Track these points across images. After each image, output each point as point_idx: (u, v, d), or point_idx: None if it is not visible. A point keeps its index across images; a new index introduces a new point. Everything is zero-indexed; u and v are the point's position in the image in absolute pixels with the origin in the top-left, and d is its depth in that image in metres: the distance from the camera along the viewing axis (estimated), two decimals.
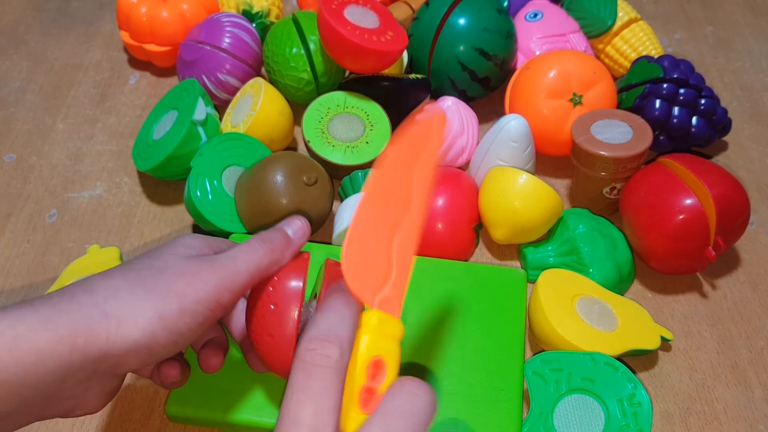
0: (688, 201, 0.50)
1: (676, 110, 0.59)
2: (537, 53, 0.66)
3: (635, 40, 0.68)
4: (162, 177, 0.61)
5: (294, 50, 0.62)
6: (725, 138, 0.67)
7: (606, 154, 0.54)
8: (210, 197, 0.54)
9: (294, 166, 0.54)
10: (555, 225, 0.56)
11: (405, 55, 0.67)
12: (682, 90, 0.59)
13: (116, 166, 0.65)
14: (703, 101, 0.60)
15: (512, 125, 0.56)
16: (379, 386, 0.27)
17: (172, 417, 0.45)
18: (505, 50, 0.64)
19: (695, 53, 0.77)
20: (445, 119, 0.33)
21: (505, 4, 0.71)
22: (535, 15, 0.68)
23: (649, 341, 0.48)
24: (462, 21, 0.62)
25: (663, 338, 0.49)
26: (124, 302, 0.33)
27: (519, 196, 0.53)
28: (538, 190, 0.53)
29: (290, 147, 0.66)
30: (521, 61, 0.66)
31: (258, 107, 0.59)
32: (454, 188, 0.56)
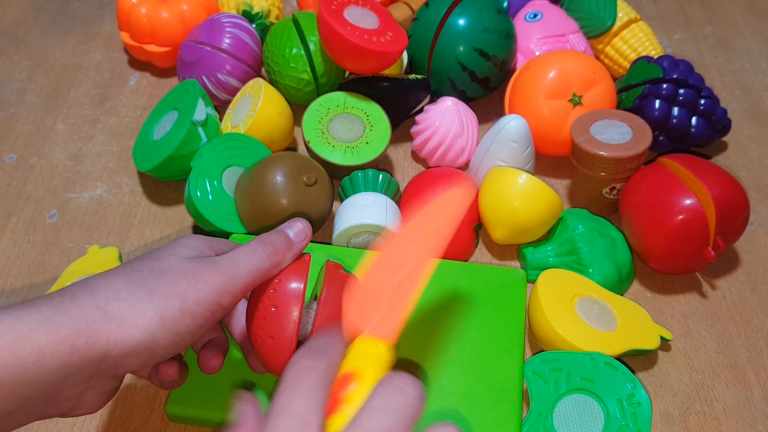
0: (688, 201, 0.50)
1: (676, 110, 0.59)
2: (537, 54, 0.66)
3: (635, 41, 0.68)
4: (162, 177, 0.61)
5: (294, 51, 0.62)
6: (725, 138, 0.67)
7: (605, 155, 0.54)
8: (210, 197, 0.54)
9: (294, 167, 0.54)
10: (554, 225, 0.56)
11: (405, 56, 0.67)
12: (682, 90, 0.59)
13: (116, 167, 0.65)
14: (703, 101, 0.60)
15: (512, 125, 0.56)
16: (345, 393, 0.28)
17: (173, 417, 0.46)
18: (505, 51, 0.64)
19: (695, 53, 0.77)
20: (470, 196, 0.36)
21: (505, 5, 0.71)
22: (535, 15, 0.68)
23: (649, 341, 0.48)
24: (462, 21, 0.62)
25: (662, 338, 0.49)
26: (125, 303, 0.33)
27: (519, 197, 0.53)
28: (538, 191, 0.53)
29: (290, 147, 0.66)
30: (521, 62, 0.67)
31: (258, 108, 0.59)
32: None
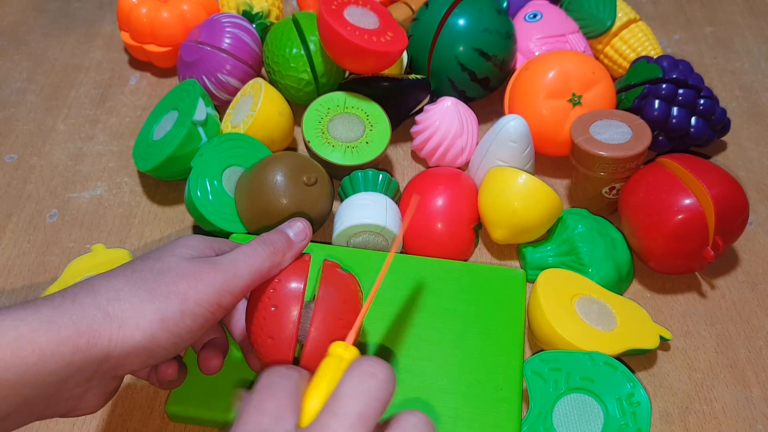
0: (687, 201, 0.50)
1: (675, 110, 0.59)
2: (536, 54, 0.66)
3: (634, 41, 0.68)
4: (162, 177, 0.61)
5: (294, 51, 0.62)
6: (724, 138, 0.67)
7: (605, 155, 0.54)
8: (210, 197, 0.55)
9: (294, 167, 0.54)
10: (554, 225, 0.56)
11: (405, 56, 0.67)
12: (681, 90, 0.59)
13: (117, 167, 0.65)
14: (702, 101, 0.60)
15: (512, 125, 0.56)
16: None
17: (173, 416, 0.46)
18: (505, 51, 0.64)
19: (694, 53, 0.77)
20: (417, 203, 0.39)
21: (505, 5, 0.72)
22: (535, 16, 0.68)
23: (648, 341, 0.48)
24: (461, 21, 0.62)
25: (662, 338, 0.49)
26: (127, 304, 0.33)
27: (518, 196, 0.53)
28: (538, 190, 0.53)
29: (290, 147, 0.66)
30: (521, 62, 0.67)
31: (258, 108, 0.59)
32: (454, 188, 0.56)
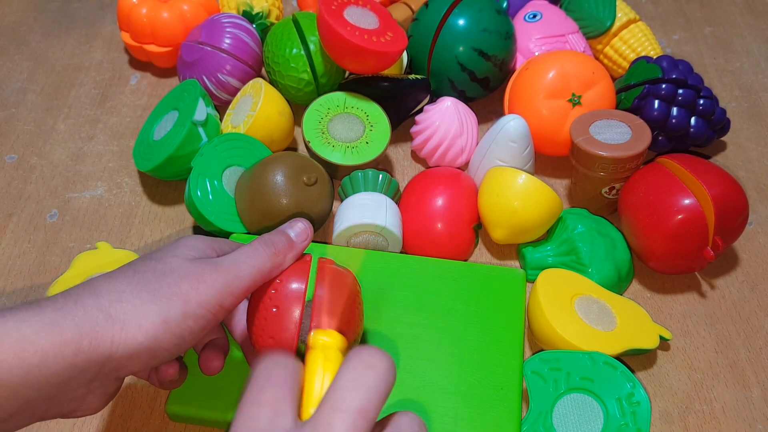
0: (687, 201, 0.50)
1: (675, 110, 0.59)
2: (536, 54, 0.66)
3: (634, 41, 0.68)
4: (163, 177, 0.61)
5: (294, 51, 0.62)
6: (724, 138, 0.67)
7: (605, 155, 0.54)
8: (210, 197, 0.55)
9: (294, 167, 0.54)
10: (554, 225, 0.56)
11: (405, 56, 0.67)
12: (681, 90, 0.59)
13: (117, 167, 0.66)
14: (702, 101, 0.60)
15: (511, 125, 0.56)
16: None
17: (173, 416, 0.46)
18: (505, 51, 0.64)
19: (694, 54, 0.77)
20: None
21: (505, 5, 0.72)
22: (534, 16, 0.68)
23: (648, 341, 0.49)
24: (461, 22, 0.62)
25: (662, 338, 0.49)
26: (129, 306, 0.33)
27: (518, 196, 0.53)
28: (538, 190, 0.53)
29: (290, 147, 0.66)
30: (520, 62, 0.67)
31: (258, 108, 0.59)
32: (454, 188, 0.56)
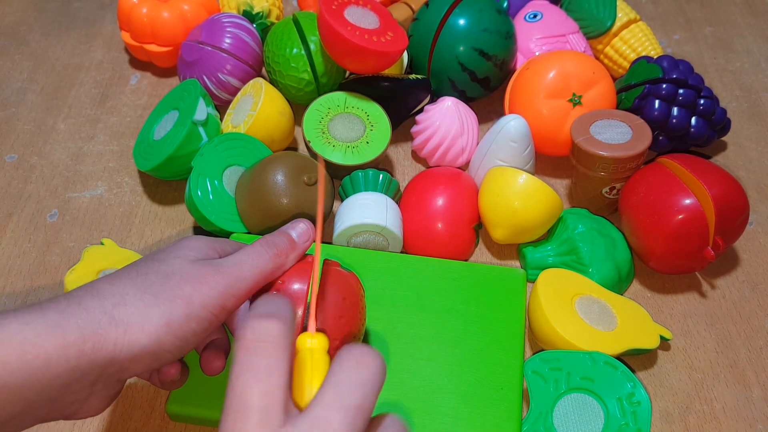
0: (688, 201, 0.50)
1: (675, 110, 0.59)
2: (536, 54, 0.66)
3: (634, 41, 0.68)
4: (163, 177, 0.61)
5: (294, 51, 0.62)
6: (724, 138, 0.67)
7: (605, 154, 0.54)
8: (211, 197, 0.55)
9: (294, 166, 0.54)
10: (554, 225, 0.56)
11: (405, 56, 0.67)
12: (682, 90, 0.59)
13: (117, 166, 0.66)
14: (702, 101, 0.60)
15: (512, 125, 0.56)
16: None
17: (173, 416, 0.46)
18: (505, 51, 0.64)
19: (694, 54, 0.77)
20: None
21: (505, 5, 0.72)
22: (535, 16, 0.68)
23: (649, 340, 0.49)
24: (462, 21, 0.62)
25: (662, 337, 0.49)
26: (132, 308, 0.33)
27: (518, 196, 0.53)
28: (538, 190, 0.53)
29: (291, 147, 0.66)
30: (521, 62, 0.67)
31: (258, 107, 0.59)
32: (454, 188, 0.56)
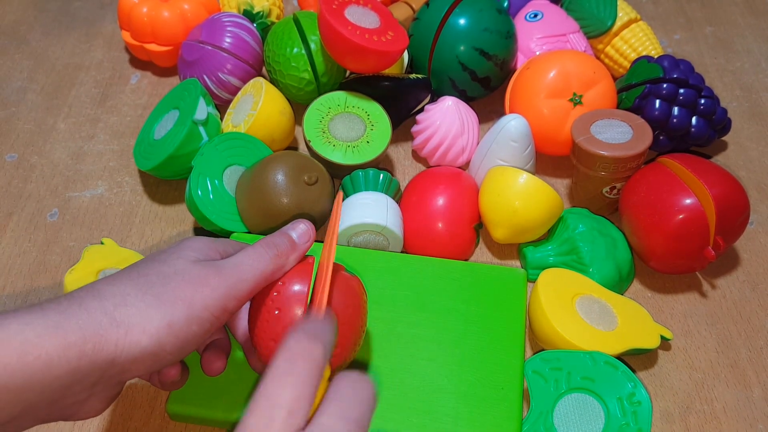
0: (688, 201, 0.50)
1: (676, 110, 0.59)
2: (537, 53, 0.66)
3: (635, 41, 0.68)
4: (163, 176, 0.61)
5: (295, 50, 0.62)
6: (725, 138, 0.67)
7: (606, 154, 0.54)
8: (211, 196, 0.55)
9: (295, 166, 0.54)
10: (555, 224, 0.56)
11: (405, 55, 0.67)
12: (682, 90, 0.59)
13: (117, 166, 0.65)
14: (703, 101, 0.60)
15: (512, 125, 0.56)
16: None
17: (173, 416, 0.46)
18: (506, 50, 0.64)
19: (695, 53, 0.77)
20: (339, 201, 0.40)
21: (506, 5, 0.72)
22: (535, 15, 0.68)
23: (649, 340, 0.48)
24: (462, 21, 0.62)
25: (663, 337, 0.49)
26: (133, 309, 0.33)
27: (519, 196, 0.53)
28: (538, 190, 0.53)
29: (291, 146, 0.66)
30: (521, 61, 0.67)
31: (259, 107, 0.59)
32: (455, 188, 0.56)
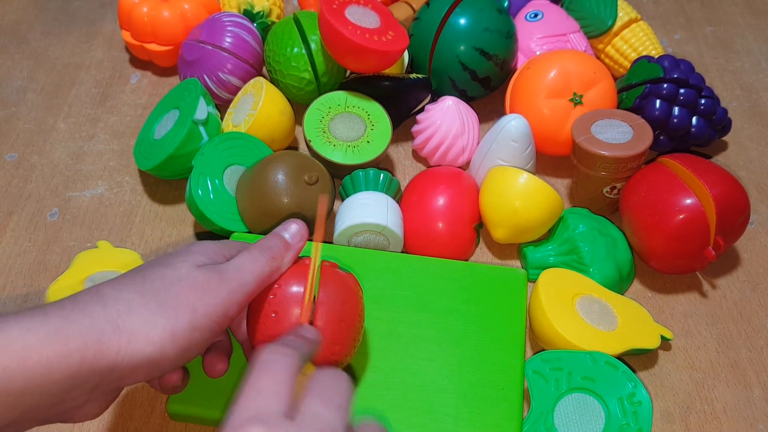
0: (688, 201, 0.50)
1: (676, 110, 0.59)
2: (537, 53, 0.66)
3: (635, 40, 0.68)
4: (163, 176, 0.61)
5: (295, 50, 0.62)
6: (725, 138, 0.67)
7: (606, 154, 0.54)
8: (211, 196, 0.55)
9: (295, 166, 0.54)
10: (555, 224, 0.56)
11: (406, 55, 0.67)
12: (682, 90, 0.59)
13: (118, 165, 0.65)
14: (703, 101, 0.60)
15: (513, 125, 0.56)
16: None
17: (174, 415, 0.46)
18: (506, 50, 0.64)
19: (695, 53, 0.77)
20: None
21: (506, 4, 0.72)
22: (536, 15, 0.68)
23: (649, 340, 0.48)
24: (462, 21, 0.62)
25: (663, 337, 0.49)
26: (137, 317, 0.32)
27: (519, 196, 0.53)
28: (539, 190, 0.53)
29: (291, 146, 0.66)
30: (522, 61, 0.67)
31: (259, 107, 0.59)
32: (455, 188, 0.56)
